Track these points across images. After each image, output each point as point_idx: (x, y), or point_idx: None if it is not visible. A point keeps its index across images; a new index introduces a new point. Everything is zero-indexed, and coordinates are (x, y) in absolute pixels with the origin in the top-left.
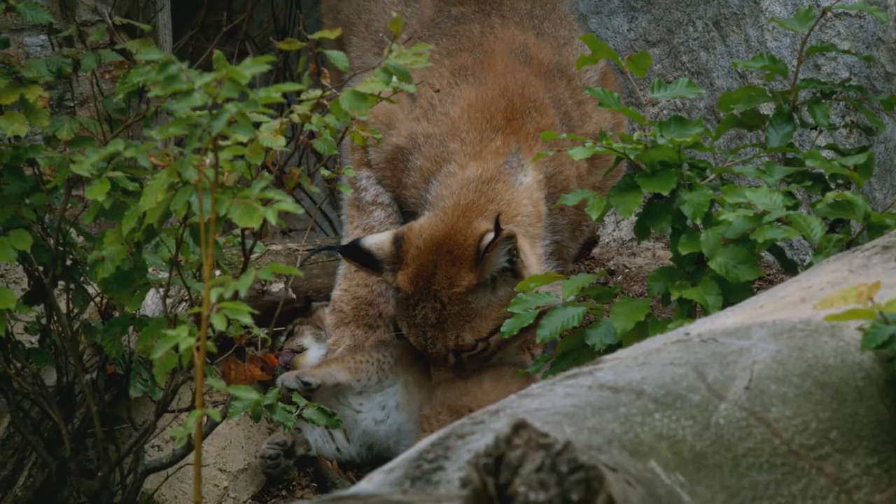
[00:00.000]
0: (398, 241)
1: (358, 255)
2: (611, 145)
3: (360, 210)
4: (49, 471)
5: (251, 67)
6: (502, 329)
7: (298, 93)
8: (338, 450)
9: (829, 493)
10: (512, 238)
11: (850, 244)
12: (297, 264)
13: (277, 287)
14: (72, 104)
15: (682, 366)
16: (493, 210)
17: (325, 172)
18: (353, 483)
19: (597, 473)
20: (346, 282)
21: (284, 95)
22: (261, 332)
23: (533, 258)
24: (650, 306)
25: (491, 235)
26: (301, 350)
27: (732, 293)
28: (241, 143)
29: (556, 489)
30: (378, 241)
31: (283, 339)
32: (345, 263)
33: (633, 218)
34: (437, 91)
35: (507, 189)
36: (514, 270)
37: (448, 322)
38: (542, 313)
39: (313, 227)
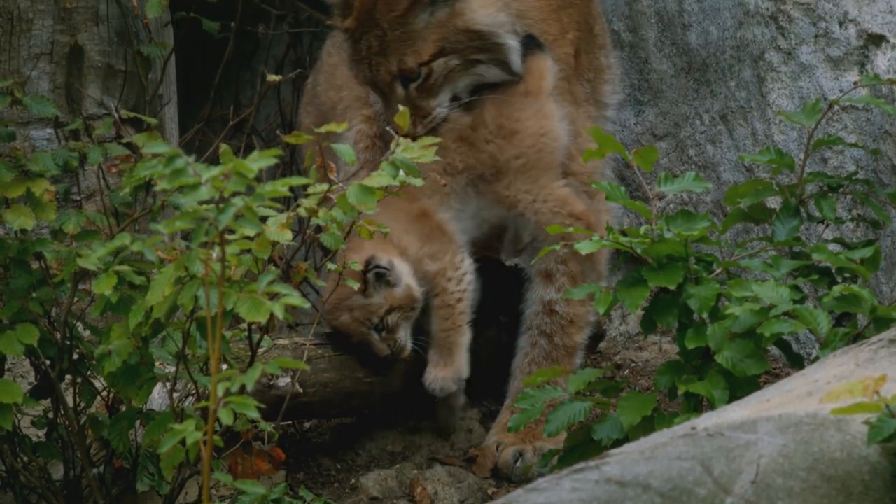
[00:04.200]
0: None
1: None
2: (618, 239)
3: None
4: None
5: (258, 161)
6: (509, 424)
7: (305, 186)
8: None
9: None
10: None
11: (856, 338)
12: (304, 359)
13: (284, 381)
14: (78, 198)
15: (688, 460)
16: None
17: (331, 266)
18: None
19: None
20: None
21: (291, 189)
22: (268, 427)
23: None
24: (657, 400)
25: None
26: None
27: (739, 387)
28: (247, 238)
29: None
30: None
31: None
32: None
33: (640, 312)
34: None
35: None
36: None
37: (390, 47)
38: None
39: (320, 322)
